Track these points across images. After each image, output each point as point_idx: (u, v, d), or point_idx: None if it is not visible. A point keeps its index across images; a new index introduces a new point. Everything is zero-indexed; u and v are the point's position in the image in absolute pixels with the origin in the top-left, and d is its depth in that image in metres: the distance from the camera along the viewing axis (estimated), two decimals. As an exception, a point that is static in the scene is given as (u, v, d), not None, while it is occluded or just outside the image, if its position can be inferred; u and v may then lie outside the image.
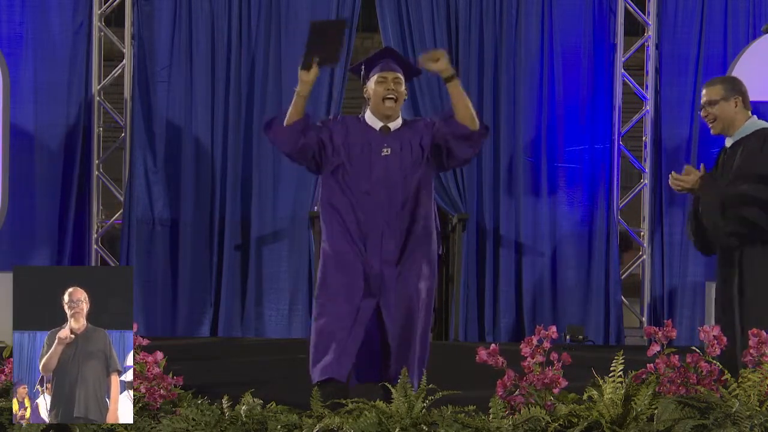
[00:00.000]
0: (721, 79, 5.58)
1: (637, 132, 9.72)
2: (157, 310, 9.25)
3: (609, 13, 9.40)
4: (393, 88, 5.27)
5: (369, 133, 5.27)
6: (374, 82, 5.29)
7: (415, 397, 4.15)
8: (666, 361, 4.25)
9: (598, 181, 9.34)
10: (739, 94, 5.43)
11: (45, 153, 9.22)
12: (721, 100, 5.41)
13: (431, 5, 9.27)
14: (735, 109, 5.41)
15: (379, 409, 4.10)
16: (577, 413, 4.14)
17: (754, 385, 4.21)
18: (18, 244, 9.14)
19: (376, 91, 5.28)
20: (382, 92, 5.26)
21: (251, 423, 4.15)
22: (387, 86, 5.27)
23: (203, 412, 4.19)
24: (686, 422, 4.04)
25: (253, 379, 6.45)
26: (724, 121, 5.43)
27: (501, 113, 9.31)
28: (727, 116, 5.42)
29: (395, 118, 5.32)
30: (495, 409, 4.15)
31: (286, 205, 9.29)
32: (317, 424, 4.07)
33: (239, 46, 9.32)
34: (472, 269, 9.21)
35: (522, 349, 4.31)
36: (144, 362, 4.41)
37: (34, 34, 9.22)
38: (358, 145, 5.24)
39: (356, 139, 5.25)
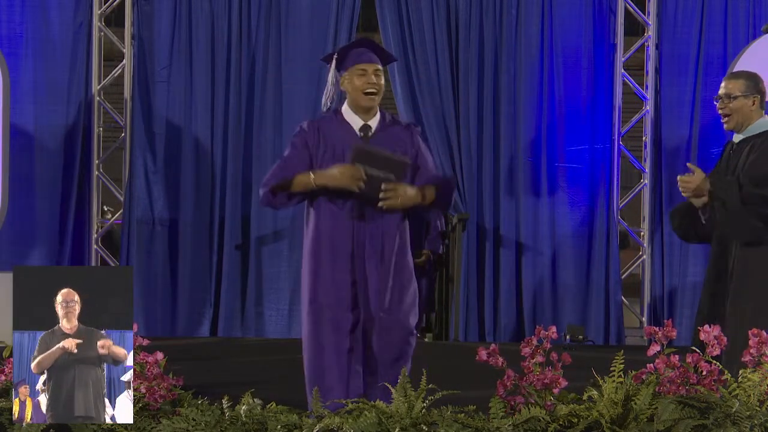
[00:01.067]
0: (746, 75, 5.46)
1: (637, 132, 9.72)
2: (157, 310, 9.25)
3: (609, 13, 9.40)
4: (375, 81, 4.98)
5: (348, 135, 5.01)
6: (353, 74, 5.00)
7: (415, 397, 4.15)
8: (666, 361, 4.25)
9: (598, 181, 9.34)
10: (759, 93, 5.39)
11: (45, 153, 9.22)
12: (741, 96, 5.34)
13: (431, 5, 9.27)
14: (752, 108, 5.37)
15: (379, 409, 4.10)
16: (577, 413, 4.13)
17: (754, 385, 4.21)
18: (18, 244, 9.14)
19: (355, 84, 4.99)
20: (363, 85, 4.97)
21: (251, 423, 4.15)
22: (368, 79, 4.98)
23: (203, 412, 4.19)
24: (686, 422, 4.04)
25: (253, 379, 6.46)
26: (739, 117, 5.37)
27: (501, 113, 9.32)
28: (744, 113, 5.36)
29: (375, 113, 5.05)
30: (495, 409, 4.15)
31: (286, 205, 9.29)
32: (317, 424, 4.07)
33: (239, 46, 9.33)
34: (472, 269, 9.21)
35: (522, 349, 4.31)
36: (144, 362, 4.40)
37: (34, 34, 9.22)
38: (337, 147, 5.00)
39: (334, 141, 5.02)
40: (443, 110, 9.28)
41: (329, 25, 9.26)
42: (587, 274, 9.35)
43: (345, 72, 5.05)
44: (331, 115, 5.11)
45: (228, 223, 9.29)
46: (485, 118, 9.30)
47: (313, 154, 5.05)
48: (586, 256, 9.35)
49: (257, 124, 9.32)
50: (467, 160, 9.27)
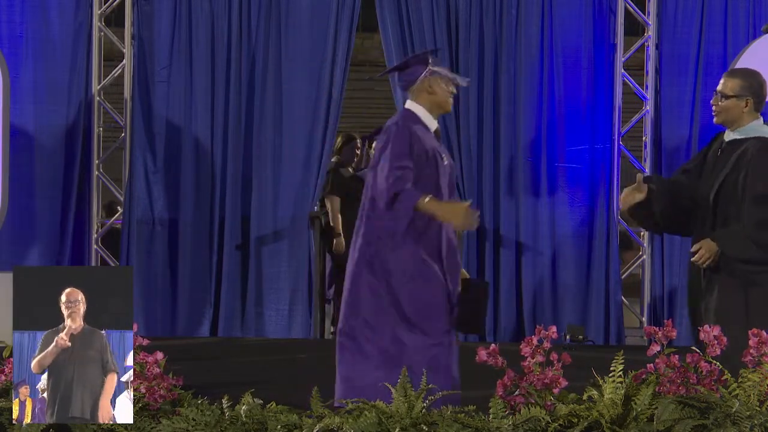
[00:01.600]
0: (743, 74, 5.42)
1: (637, 132, 9.72)
2: (157, 310, 9.25)
3: (609, 13, 9.40)
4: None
5: (431, 138, 5.19)
6: (442, 79, 5.20)
7: (415, 397, 4.15)
8: (666, 361, 4.25)
9: (598, 181, 9.34)
10: (753, 95, 5.34)
11: (45, 153, 9.22)
12: (734, 96, 5.31)
13: (431, 5, 9.26)
14: (744, 109, 5.32)
15: (379, 409, 4.10)
16: (577, 413, 4.13)
17: (754, 385, 4.21)
18: (18, 244, 9.14)
19: (443, 88, 5.19)
20: (452, 90, 5.22)
21: (251, 423, 4.15)
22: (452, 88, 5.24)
23: (203, 412, 4.19)
24: (686, 422, 4.04)
25: (253, 379, 6.46)
26: (728, 116, 5.34)
27: (501, 113, 9.31)
28: (733, 114, 5.32)
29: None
30: (495, 409, 4.15)
31: (286, 205, 9.29)
32: (317, 424, 4.07)
33: (239, 46, 9.32)
34: (473, 269, 9.21)
35: (522, 349, 4.31)
36: (144, 362, 4.40)
37: (34, 34, 9.22)
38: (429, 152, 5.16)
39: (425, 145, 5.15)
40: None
41: (329, 25, 9.26)
42: (587, 274, 9.34)
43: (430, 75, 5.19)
44: (408, 114, 5.20)
45: (228, 223, 9.29)
46: (485, 118, 9.30)
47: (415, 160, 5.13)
48: (586, 256, 9.35)
49: (257, 124, 9.31)
50: (467, 160, 9.26)
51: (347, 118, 12.83)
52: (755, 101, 5.34)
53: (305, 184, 9.24)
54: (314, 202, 9.26)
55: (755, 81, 5.38)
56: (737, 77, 5.37)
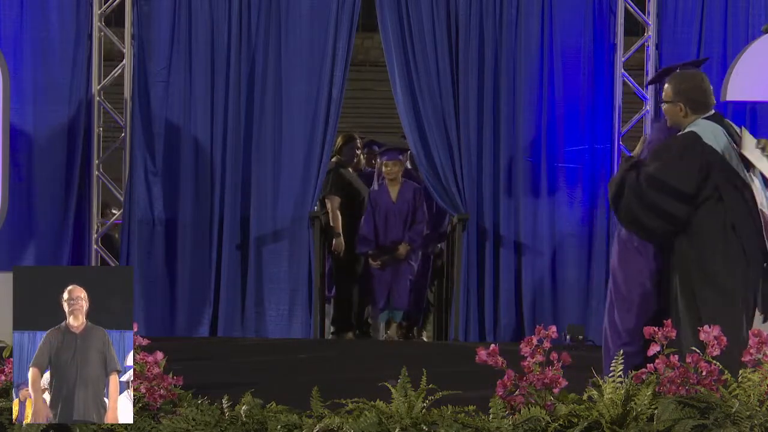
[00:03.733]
0: (675, 80, 5.54)
1: (637, 132, 9.70)
2: (157, 310, 9.25)
3: (609, 13, 9.39)
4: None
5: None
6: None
7: (415, 397, 4.15)
8: (666, 361, 4.25)
9: (598, 181, 9.34)
10: (684, 101, 5.45)
11: (45, 153, 9.21)
12: (667, 102, 5.52)
13: (431, 5, 9.26)
14: (680, 114, 5.47)
15: (379, 409, 4.10)
16: (577, 413, 4.14)
17: (754, 385, 4.22)
18: (18, 244, 9.13)
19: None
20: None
21: (251, 423, 4.15)
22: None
23: (203, 412, 4.19)
24: (686, 422, 4.05)
25: (253, 379, 6.46)
26: (672, 120, 5.55)
27: (501, 113, 9.31)
28: (675, 118, 5.53)
29: None
30: (495, 409, 4.15)
31: (286, 205, 9.29)
32: (317, 424, 4.07)
33: (239, 46, 9.32)
34: (473, 269, 9.21)
35: (522, 349, 4.31)
36: (144, 362, 4.40)
37: (34, 34, 9.21)
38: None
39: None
40: (443, 110, 9.27)
41: (329, 25, 9.25)
42: (587, 274, 9.34)
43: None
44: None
45: (228, 223, 9.28)
46: (485, 118, 9.30)
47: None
48: (586, 256, 9.34)
49: (257, 124, 9.31)
50: (467, 160, 9.26)
51: (347, 118, 12.84)
52: (690, 106, 5.45)
53: (305, 184, 9.23)
54: (314, 202, 9.26)
55: (687, 85, 5.49)
56: (670, 83, 5.57)
